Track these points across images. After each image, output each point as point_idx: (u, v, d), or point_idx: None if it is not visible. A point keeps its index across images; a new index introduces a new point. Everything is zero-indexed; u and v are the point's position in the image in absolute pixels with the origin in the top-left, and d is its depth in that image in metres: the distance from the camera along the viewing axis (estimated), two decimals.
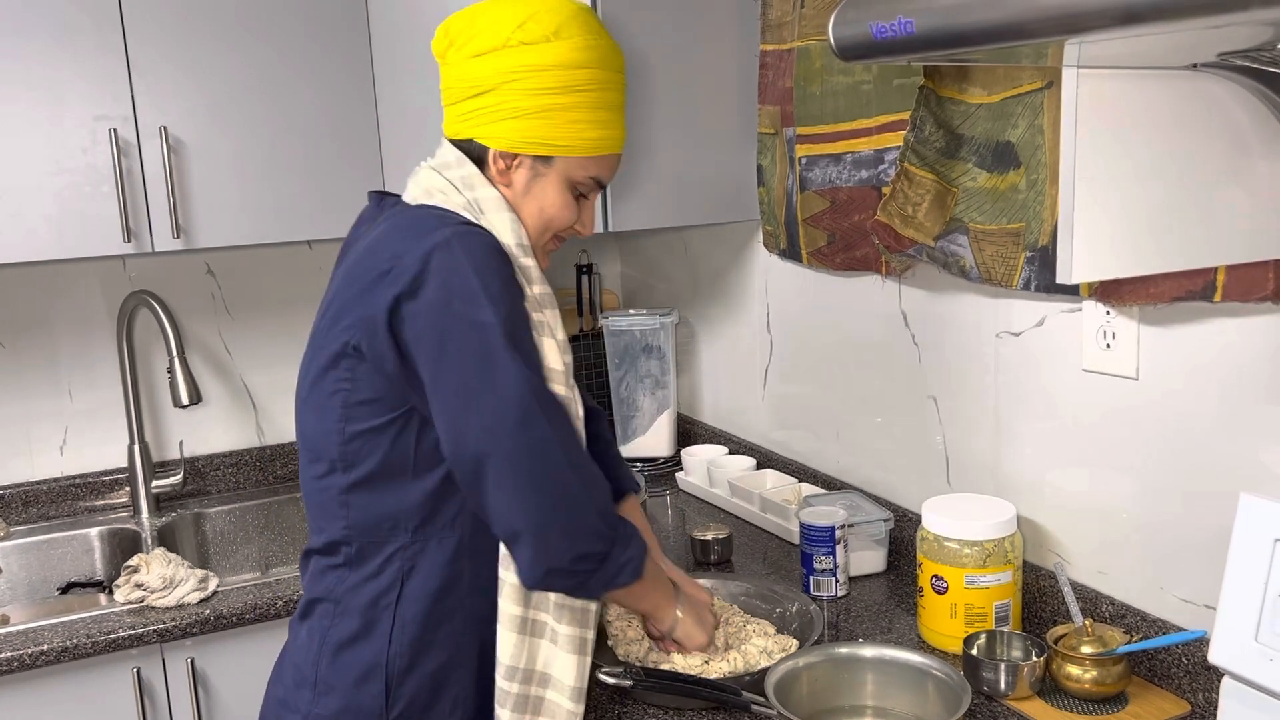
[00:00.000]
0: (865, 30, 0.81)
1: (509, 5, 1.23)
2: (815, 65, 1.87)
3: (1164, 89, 1.03)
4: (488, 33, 1.22)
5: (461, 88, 1.24)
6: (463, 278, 1.13)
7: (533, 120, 1.22)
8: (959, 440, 1.69)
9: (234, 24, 1.98)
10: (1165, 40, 0.88)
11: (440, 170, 1.27)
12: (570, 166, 1.26)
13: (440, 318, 1.13)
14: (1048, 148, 1.42)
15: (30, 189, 1.87)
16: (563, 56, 1.21)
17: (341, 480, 1.23)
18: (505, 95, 1.21)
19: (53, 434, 2.26)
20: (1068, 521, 1.50)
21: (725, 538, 1.84)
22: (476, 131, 1.25)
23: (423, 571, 1.24)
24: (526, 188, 1.26)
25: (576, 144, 1.24)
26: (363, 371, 1.19)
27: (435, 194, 1.25)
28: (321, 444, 1.24)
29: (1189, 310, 1.29)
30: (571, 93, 1.22)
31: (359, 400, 1.20)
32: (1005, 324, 1.57)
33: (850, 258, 1.85)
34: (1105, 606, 1.43)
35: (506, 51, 1.21)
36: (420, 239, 1.15)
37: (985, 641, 1.41)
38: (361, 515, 1.23)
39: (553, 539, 1.14)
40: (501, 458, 1.13)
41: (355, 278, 1.20)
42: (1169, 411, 1.34)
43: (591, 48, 1.23)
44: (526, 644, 1.23)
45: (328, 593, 1.27)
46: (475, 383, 1.13)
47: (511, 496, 1.13)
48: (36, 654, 1.65)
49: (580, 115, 1.23)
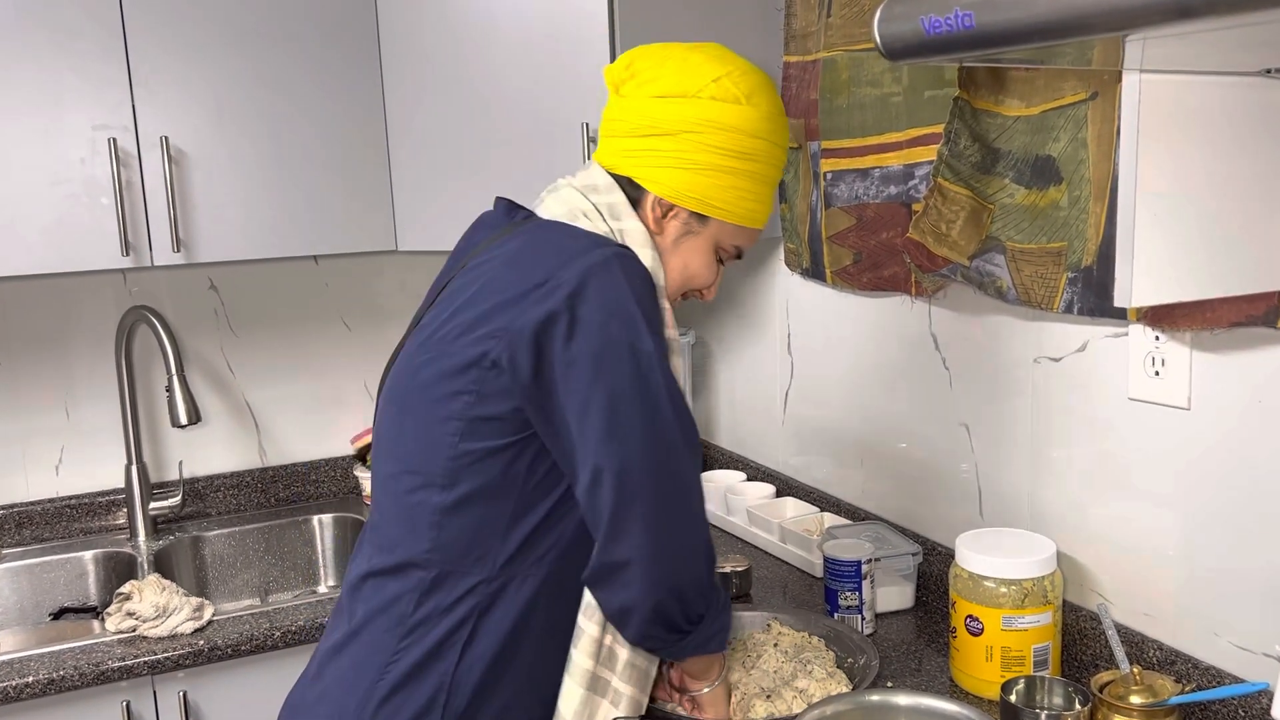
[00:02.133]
0: (916, 27, 0.73)
1: (706, 57, 1.21)
2: (842, 77, 1.79)
3: (1232, 97, 0.95)
4: (679, 78, 1.19)
5: (634, 123, 1.21)
6: (622, 300, 1.09)
7: (702, 176, 1.19)
8: (992, 470, 1.60)
9: (238, 31, 1.92)
10: (1238, 39, 0.80)
11: (586, 192, 1.22)
12: (722, 232, 1.24)
13: (598, 340, 1.08)
14: (1092, 163, 1.34)
15: (27, 200, 1.81)
16: (748, 122, 1.19)
17: (439, 498, 1.14)
18: (682, 144, 1.19)
19: (48, 453, 2.19)
20: (1111, 560, 1.42)
21: (744, 570, 1.76)
22: (640, 172, 1.21)
23: (500, 610, 1.15)
24: (677, 241, 1.23)
25: (736, 211, 1.22)
26: (494, 387, 1.11)
27: (579, 216, 1.20)
28: (424, 456, 1.15)
29: (1248, 336, 1.20)
30: (744, 159, 1.20)
31: (482, 416, 1.12)
32: (1044, 348, 1.48)
33: (878, 277, 1.77)
34: (1152, 651, 1.34)
35: (696, 102, 1.18)
36: (577, 256, 1.10)
37: (1024, 688, 1.32)
38: (452, 538, 1.15)
39: (667, 586, 1.10)
40: (642, 487, 1.08)
41: (498, 288, 1.13)
42: (1224, 444, 1.25)
43: (773, 120, 1.21)
44: (590, 701, 1.17)
45: (389, 622, 1.17)
46: (629, 407, 1.08)
47: (639, 533, 1.08)
48: (21, 686, 1.57)
49: (745, 184, 1.21)
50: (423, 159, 2.01)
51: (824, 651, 1.44)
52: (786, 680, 1.36)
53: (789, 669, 1.38)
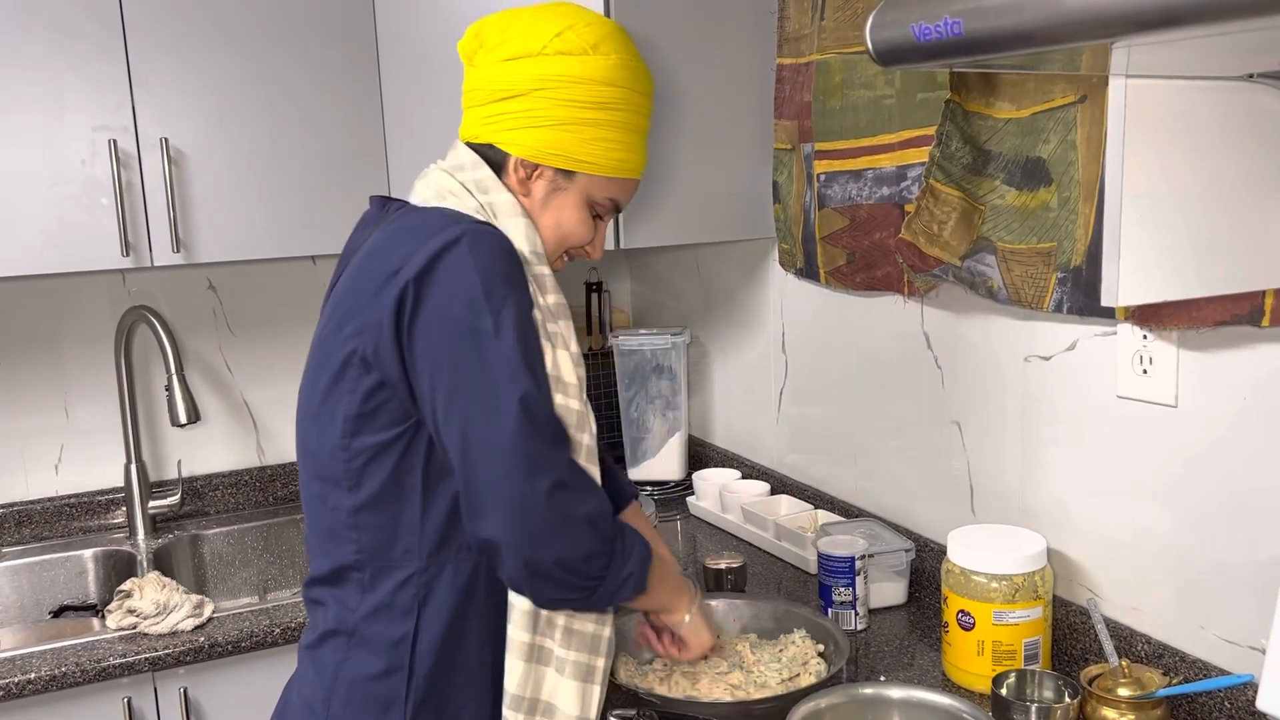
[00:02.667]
0: (906, 33, 0.75)
1: (548, 14, 1.20)
2: (835, 79, 1.81)
3: (1216, 101, 0.97)
4: (524, 38, 1.19)
5: (488, 90, 1.21)
6: (467, 280, 1.08)
7: (560, 131, 1.19)
8: (984, 467, 1.62)
9: (238, 34, 1.93)
10: (1222, 46, 0.83)
11: (453, 172, 1.22)
12: (592, 185, 1.23)
13: (440, 322, 1.08)
14: (1081, 164, 1.36)
15: (27, 201, 1.82)
16: (598, 72, 1.19)
17: (349, 500, 1.16)
18: (535, 102, 1.18)
19: (48, 452, 2.20)
20: (1100, 555, 1.44)
21: (739, 567, 1.77)
22: (499, 137, 1.21)
23: (438, 598, 1.17)
24: (545, 200, 1.23)
25: (601, 163, 1.22)
26: (368, 381, 1.12)
27: (447, 196, 1.20)
28: (326, 461, 1.17)
29: (1234, 335, 1.23)
30: (602, 109, 1.19)
31: (364, 412, 1.13)
32: (1034, 347, 1.51)
33: (870, 277, 1.79)
34: (1140, 645, 1.36)
35: (542, 59, 1.18)
36: (430, 238, 1.10)
37: (1015, 681, 1.34)
38: (373, 538, 1.16)
39: (545, 558, 1.08)
40: (486, 472, 1.07)
41: (361, 281, 1.14)
42: (1210, 441, 1.27)
43: (627, 67, 1.21)
44: (533, 672, 1.18)
45: (339, 624, 1.19)
46: (469, 388, 1.08)
47: (493, 514, 1.07)
48: (23, 683, 1.58)
49: (607, 134, 1.21)
50: (420, 160, 2.02)
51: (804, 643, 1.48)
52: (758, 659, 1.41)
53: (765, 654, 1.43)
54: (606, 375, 2.56)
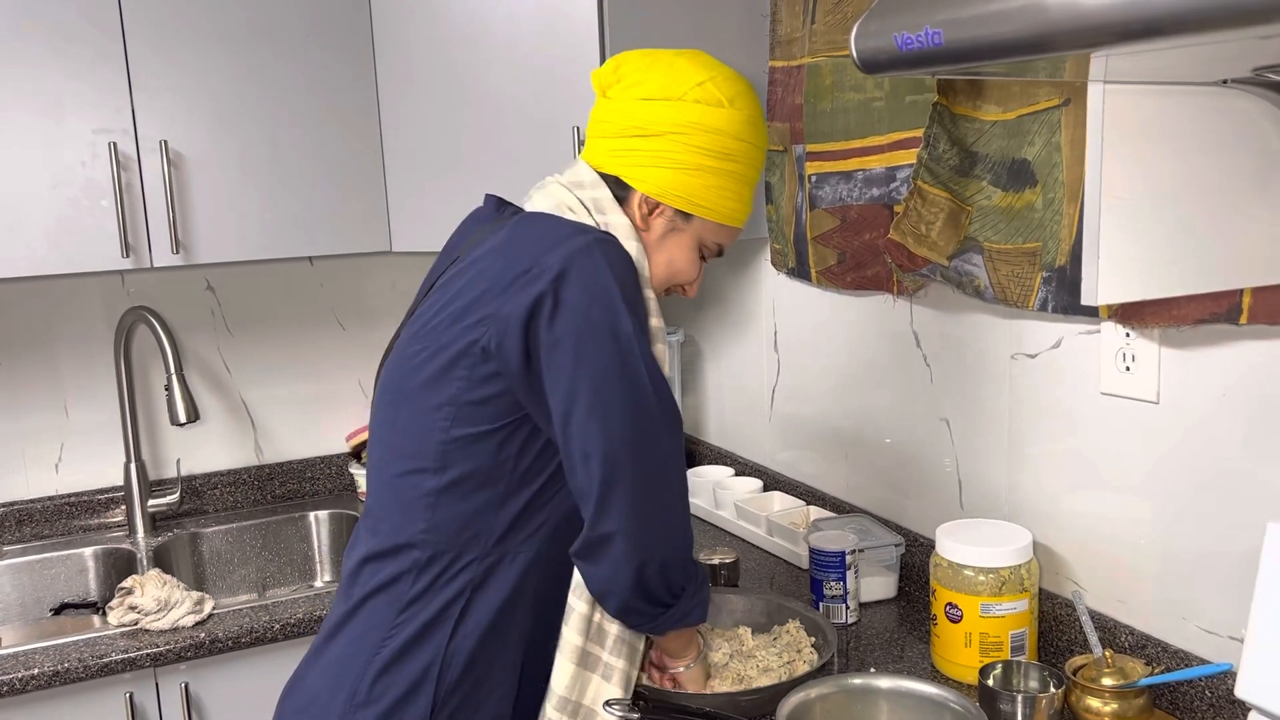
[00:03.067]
0: (890, 42, 0.78)
1: (691, 62, 1.26)
2: (826, 82, 1.84)
3: (1192, 105, 1.00)
4: (665, 81, 1.24)
5: (622, 124, 1.25)
6: (604, 284, 1.13)
7: (687, 175, 1.24)
8: (972, 463, 1.65)
9: (236, 37, 1.95)
10: (1197, 53, 0.85)
11: (572, 188, 1.26)
12: (705, 229, 1.29)
13: (580, 322, 1.12)
14: (1065, 166, 1.39)
15: (28, 202, 1.85)
16: (730, 125, 1.24)
17: (433, 481, 1.19)
18: (668, 145, 1.23)
19: (48, 451, 2.22)
20: (1085, 548, 1.47)
21: (732, 562, 1.80)
22: (627, 171, 1.25)
23: (493, 586, 1.20)
24: (662, 238, 1.28)
25: (718, 210, 1.27)
26: (485, 372, 1.16)
27: (564, 210, 1.24)
28: (418, 441, 1.20)
29: (1213, 333, 1.26)
30: (727, 160, 1.25)
31: (474, 401, 1.17)
32: (1020, 345, 1.54)
33: (861, 277, 1.82)
34: (1124, 636, 1.39)
35: (681, 105, 1.23)
36: (561, 243, 1.15)
37: (1001, 672, 1.37)
38: (446, 519, 1.19)
39: (650, 558, 1.15)
40: (626, 464, 1.13)
41: (486, 278, 1.17)
42: (1191, 436, 1.30)
43: (754, 124, 1.27)
44: (581, 677, 1.22)
45: (387, 599, 1.21)
46: (611, 388, 1.12)
47: (624, 506, 1.13)
48: (27, 678, 1.61)
49: (727, 184, 1.26)
50: (416, 162, 2.05)
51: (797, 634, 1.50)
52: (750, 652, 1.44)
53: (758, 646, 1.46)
54: None
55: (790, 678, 1.37)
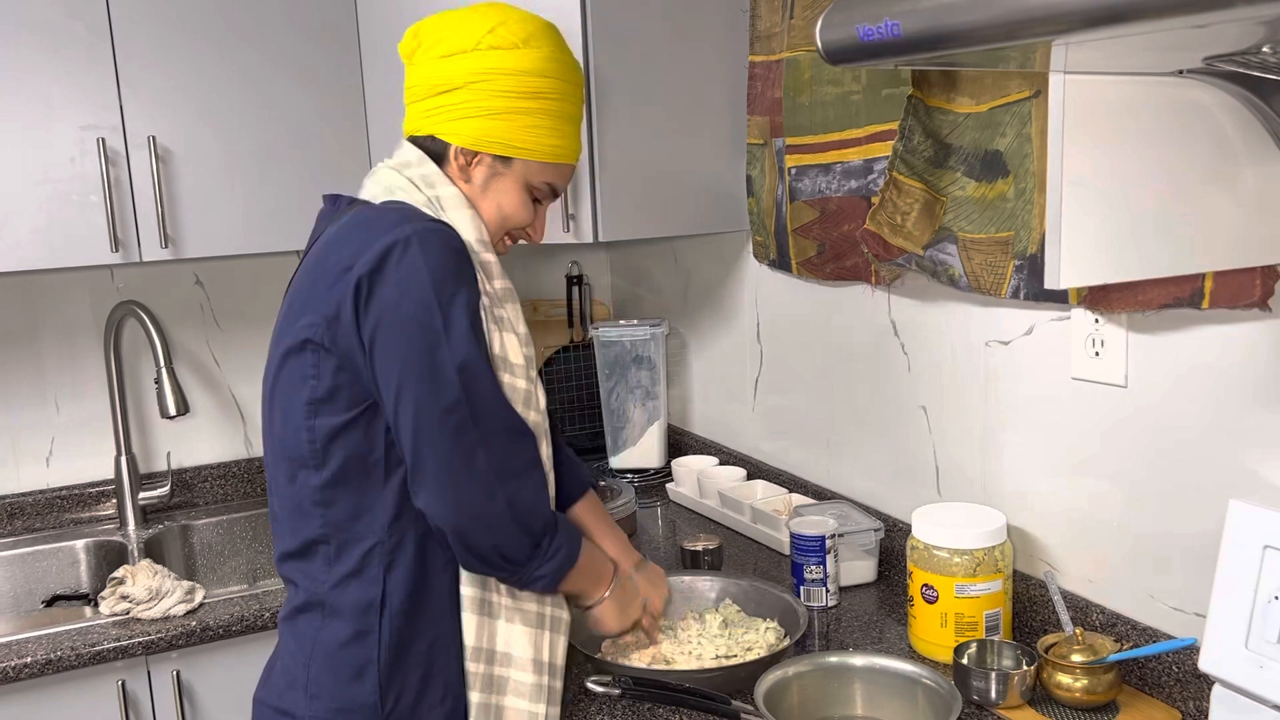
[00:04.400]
0: (852, 33, 0.81)
1: (481, 12, 1.28)
2: (804, 76, 1.87)
3: (1151, 95, 1.04)
4: (458, 36, 1.27)
5: (427, 86, 1.28)
6: (417, 278, 1.16)
7: (496, 120, 1.27)
8: (949, 449, 1.69)
9: (223, 33, 1.98)
10: (1152, 43, 0.89)
11: (400, 169, 1.30)
12: (528, 170, 1.31)
13: (392, 315, 1.16)
14: (1035, 156, 1.42)
15: (17, 198, 1.87)
16: (529, 64, 1.26)
17: (315, 479, 1.23)
18: (471, 94, 1.26)
19: (39, 445, 2.24)
20: (1057, 530, 1.50)
21: (715, 548, 1.83)
22: (439, 128, 1.29)
23: (402, 564, 1.24)
24: (485, 185, 1.31)
25: (535, 149, 1.29)
26: (326, 367, 1.20)
27: (396, 191, 1.28)
28: (291, 443, 1.25)
29: (1177, 317, 1.29)
30: (534, 98, 1.27)
31: (323, 395, 1.21)
32: (994, 333, 1.57)
33: (840, 267, 1.85)
34: (1095, 615, 1.43)
35: (476, 54, 1.26)
36: (381, 235, 1.18)
37: (976, 650, 1.41)
38: (338, 513, 1.24)
39: (467, 535, 1.18)
40: (425, 453, 1.17)
41: (316, 275, 1.22)
42: (1158, 419, 1.34)
43: (556, 59, 1.29)
44: (486, 625, 1.26)
45: (311, 596, 1.26)
46: (412, 380, 1.16)
47: (428, 490, 1.18)
48: (20, 666, 1.63)
49: (540, 122, 1.28)
50: None
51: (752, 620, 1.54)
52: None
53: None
54: (587, 366, 2.62)
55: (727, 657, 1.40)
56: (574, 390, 2.64)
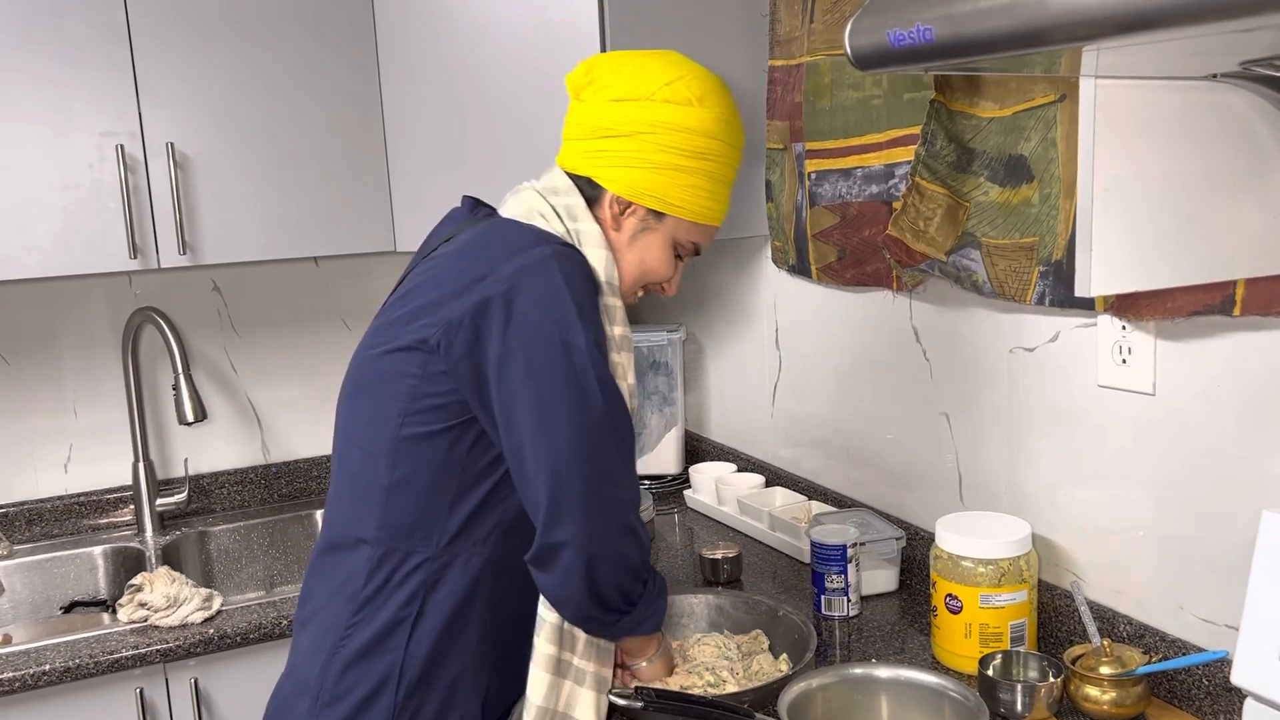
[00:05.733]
0: (883, 39, 0.80)
1: (660, 62, 1.26)
2: (824, 80, 1.86)
3: (1182, 100, 1.02)
4: (634, 81, 1.24)
5: (593, 126, 1.26)
6: (558, 297, 1.14)
7: (658, 175, 1.25)
8: (972, 457, 1.67)
9: (241, 40, 1.98)
10: (1186, 47, 0.87)
11: (546, 194, 1.27)
12: (679, 228, 1.29)
13: (532, 334, 1.13)
14: (1061, 161, 1.40)
15: (36, 205, 1.87)
16: (701, 123, 1.24)
17: (385, 476, 1.20)
18: (639, 144, 1.24)
19: (57, 451, 2.24)
20: (1083, 539, 1.48)
21: (735, 556, 1.82)
22: (599, 172, 1.26)
23: (447, 586, 1.21)
24: (634, 237, 1.29)
25: (691, 208, 1.28)
26: (434, 371, 1.17)
27: (535, 216, 1.25)
28: (372, 435, 1.22)
29: (1207, 324, 1.27)
30: (699, 159, 1.25)
31: (423, 397, 1.18)
32: (1019, 339, 1.55)
33: (861, 273, 1.83)
34: (1123, 626, 1.41)
35: (650, 104, 1.23)
36: (518, 252, 1.16)
37: (1001, 662, 1.39)
38: (397, 517, 1.21)
39: (600, 567, 1.15)
40: (574, 478, 1.14)
41: (444, 279, 1.19)
42: (1187, 427, 1.32)
43: (727, 122, 1.27)
44: (558, 686, 1.23)
45: (343, 598, 1.23)
46: (560, 402, 1.13)
47: (573, 518, 1.14)
48: (39, 674, 1.63)
49: (700, 182, 1.26)
50: (420, 162, 2.07)
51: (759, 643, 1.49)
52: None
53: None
54: None
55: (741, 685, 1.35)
56: None
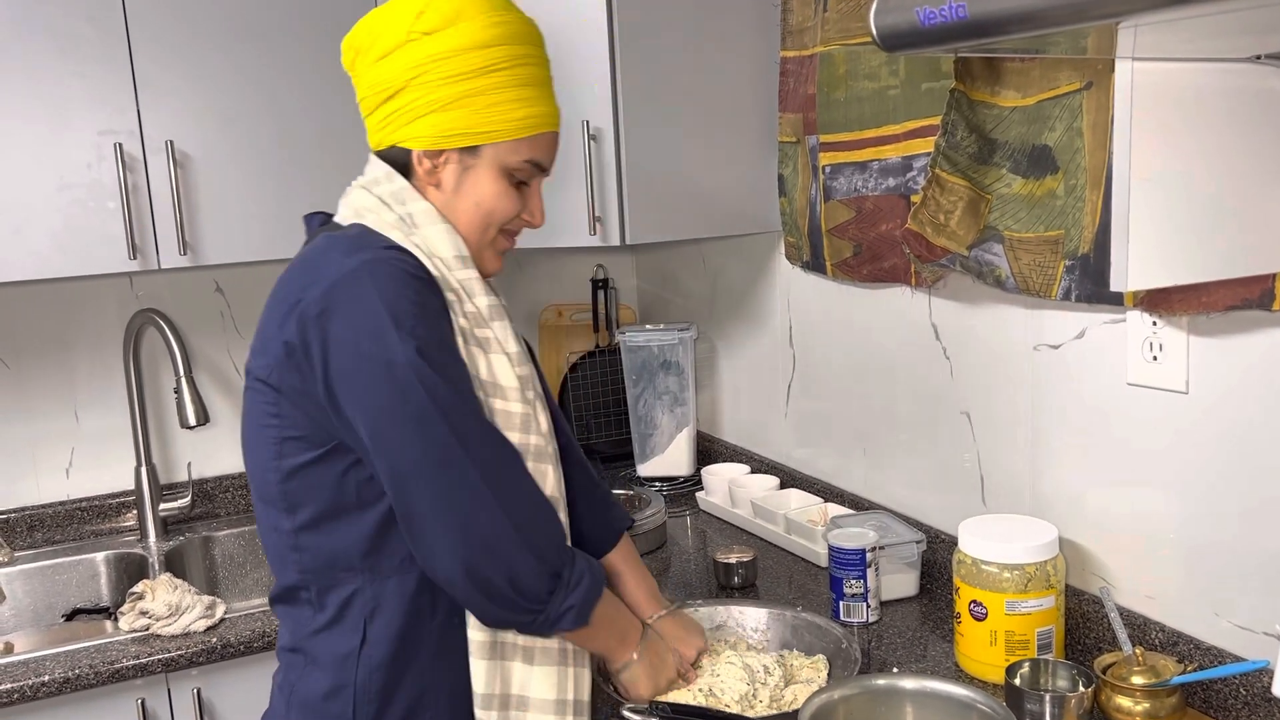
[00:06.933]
0: (911, 17, 0.75)
1: (403, 2, 1.17)
2: (839, 71, 1.81)
3: (1223, 83, 0.97)
4: (388, 32, 1.16)
5: (374, 94, 1.18)
6: (371, 314, 1.07)
7: (450, 111, 1.15)
8: (994, 458, 1.62)
9: (240, 37, 1.94)
10: (1230, 24, 0.82)
11: (369, 188, 1.21)
12: (501, 153, 1.18)
13: (350, 358, 1.08)
14: (1087, 151, 1.35)
15: (35, 205, 1.83)
16: (468, 38, 1.14)
17: (288, 523, 1.17)
18: (417, 91, 1.15)
19: (59, 456, 2.21)
20: (1112, 543, 1.43)
21: (750, 560, 1.77)
22: (396, 135, 1.18)
23: (386, 612, 1.17)
24: (457, 185, 1.19)
25: (502, 127, 1.17)
26: (285, 406, 1.13)
27: (366, 213, 1.19)
28: (263, 484, 1.19)
29: (1244, 320, 1.22)
30: (486, 74, 1.15)
31: (288, 436, 1.14)
32: (1043, 336, 1.50)
33: (878, 269, 1.78)
34: (1155, 633, 1.36)
35: (409, 46, 1.15)
36: (326, 268, 1.11)
37: (1029, 671, 1.34)
38: (313, 558, 1.17)
39: (482, 571, 1.10)
40: (419, 498, 1.09)
41: (272, 310, 1.16)
42: (1222, 427, 1.27)
43: (499, 24, 1.16)
44: (499, 669, 1.18)
45: (294, 643, 1.21)
46: (389, 423, 1.08)
47: (433, 535, 1.09)
48: (38, 685, 1.59)
49: (501, 96, 1.16)
50: None
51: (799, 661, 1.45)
52: None
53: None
54: (613, 372, 2.56)
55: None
56: (600, 396, 2.58)
